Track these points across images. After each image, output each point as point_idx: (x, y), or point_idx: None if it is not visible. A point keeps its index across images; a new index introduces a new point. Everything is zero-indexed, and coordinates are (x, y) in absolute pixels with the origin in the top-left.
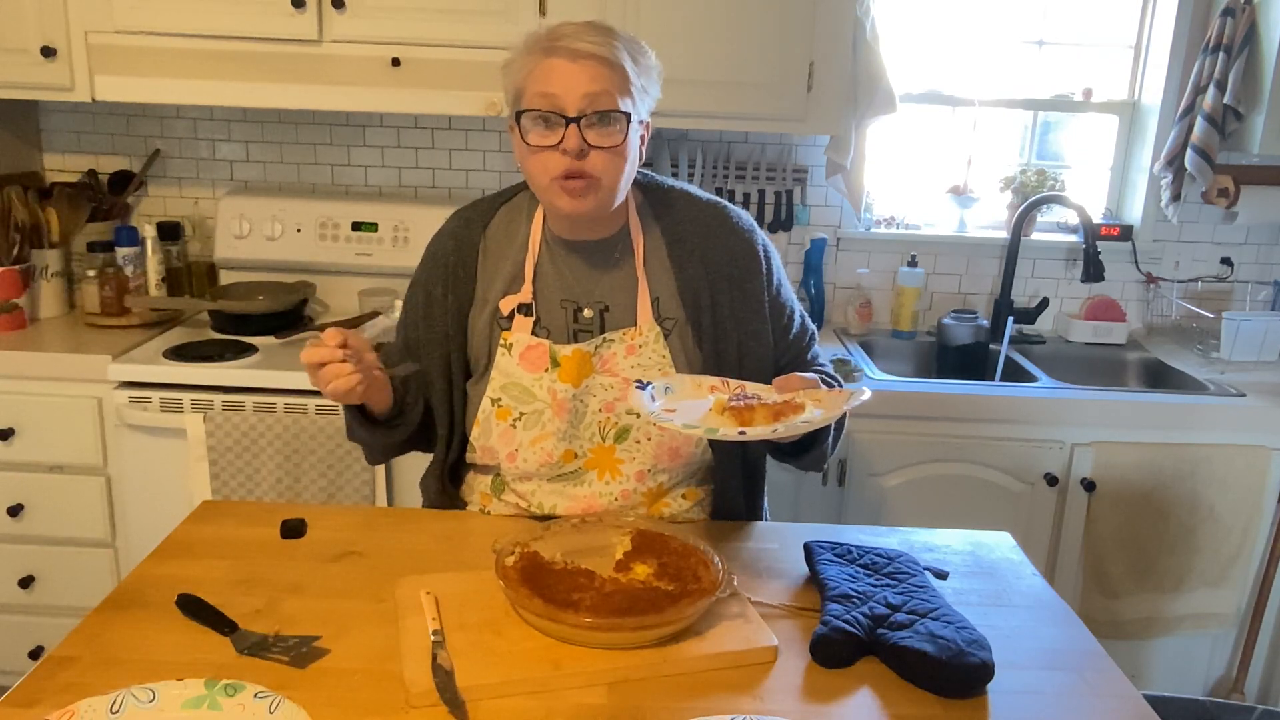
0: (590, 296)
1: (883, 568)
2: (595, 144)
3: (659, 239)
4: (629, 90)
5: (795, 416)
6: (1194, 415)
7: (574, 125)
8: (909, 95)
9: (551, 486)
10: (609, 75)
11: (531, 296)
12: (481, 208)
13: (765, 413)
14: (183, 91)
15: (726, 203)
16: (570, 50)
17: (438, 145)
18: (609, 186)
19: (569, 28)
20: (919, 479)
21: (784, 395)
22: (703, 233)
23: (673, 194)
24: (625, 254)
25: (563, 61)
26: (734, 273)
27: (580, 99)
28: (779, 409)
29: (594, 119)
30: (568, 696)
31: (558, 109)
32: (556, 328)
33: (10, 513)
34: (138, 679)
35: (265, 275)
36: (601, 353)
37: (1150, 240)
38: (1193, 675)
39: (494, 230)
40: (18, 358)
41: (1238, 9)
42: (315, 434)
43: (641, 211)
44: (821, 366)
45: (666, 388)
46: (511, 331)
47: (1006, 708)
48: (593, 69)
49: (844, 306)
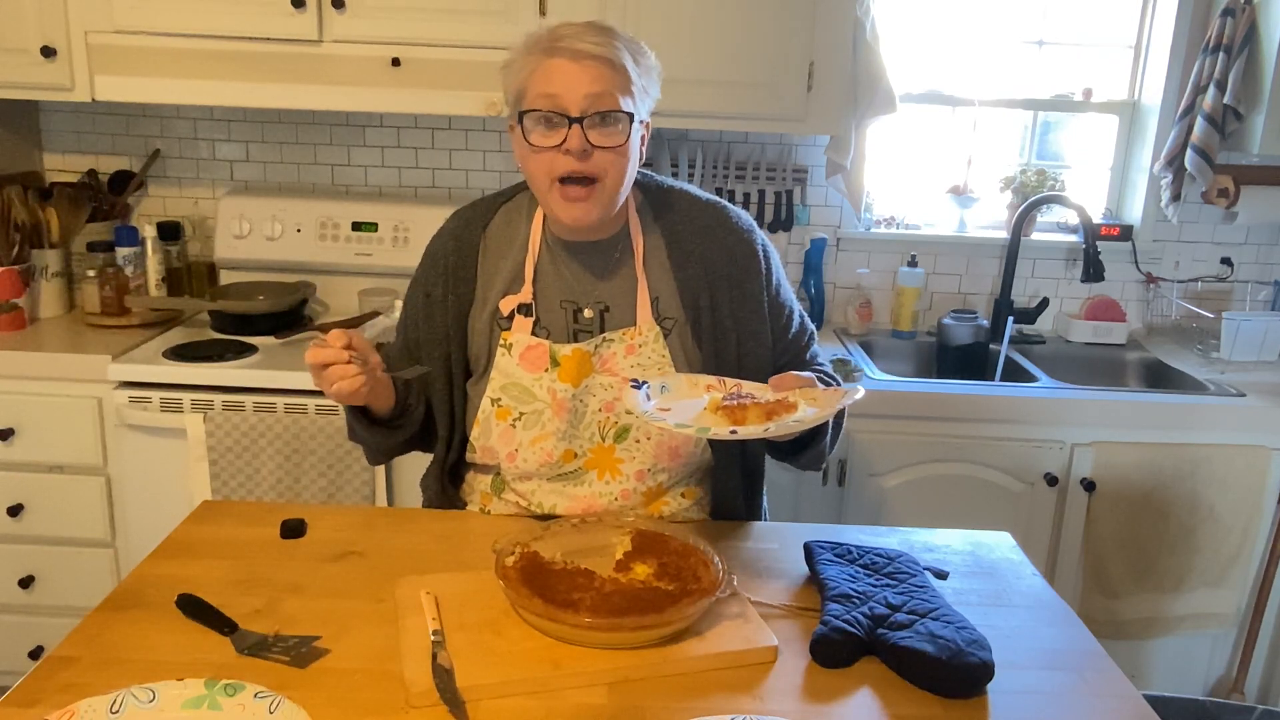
0: (590, 297)
1: (883, 568)
2: (598, 144)
3: (659, 239)
4: (630, 90)
5: (788, 415)
6: (1194, 415)
7: (577, 125)
8: (909, 95)
9: (551, 486)
10: (611, 75)
11: (531, 297)
12: (481, 208)
13: (758, 412)
14: (183, 91)
15: (726, 203)
16: (572, 50)
17: (438, 145)
18: (611, 187)
19: (570, 28)
20: (919, 479)
21: (778, 394)
22: (702, 232)
23: (673, 194)
24: (625, 254)
25: (565, 62)
26: (733, 273)
27: (583, 99)
28: (772, 408)
29: (596, 119)
30: (568, 696)
31: (560, 109)
32: (556, 328)
33: (10, 513)
34: (138, 679)
35: (265, 275)
36: (601, 352)
37: (1150, 240)
38: (1193, 675)
39: (494, 230)
40: (18, 358)
41: (1238, 9)
42: (315, 434)
43: (641, 211)
44: (820, 366)
45: (663, 387)
46: (511, 332)
47: (1006, 708)
48: (595, 69)
49: (844, 306)
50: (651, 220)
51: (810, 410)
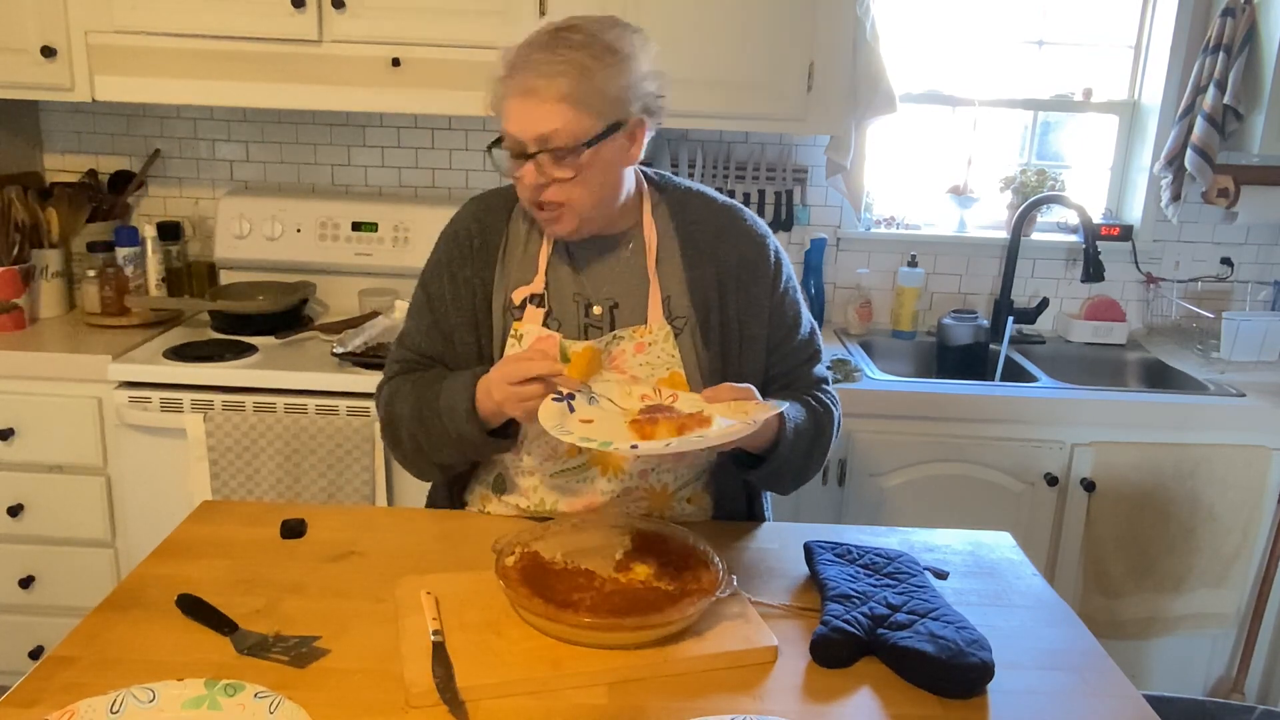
0: (600, 293)
1: (883, 568)
2: (555, 177)
3: (673, 238)
4: (589, 108)
5: (700, 430)
6: (1194, 415)
7: (531, 163)
8: (909, 95)
9: (553, 483)
10: (556, 110)
11: (544, 287)
12: (503, 195)
13: (669, 426)
14: (183, 91)
15: (743, 207)
16: (521, 88)
17: (438, 145)
18: (579, 209)
19: (524, 52)
20: (919, 479)
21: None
22: (715, 233)
23: (690, 195)
24: (637, 251)
25: (516, 101)
26: (742, 275)
27: (534, 138)
28: (684, 422)
29: (551, 155)
30: (568, 696)
31: (517, 148)
32: (568, 321)
33: (10, 513)
34: (138, 679)
35: (265, 275)
36: (610, 350)
37: (1150, 240)
38: (1193, 675)
39: (515, 217)
40: (18, 358)
41: (1238, 9)
42: (315, 434)
43: (657, 211)
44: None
45: (591, 398)
46: (523, 322)
47: (1006, 708)
48: (542, 108)
49: (844, 306)
50: (667, 220)
51: (726, 422)
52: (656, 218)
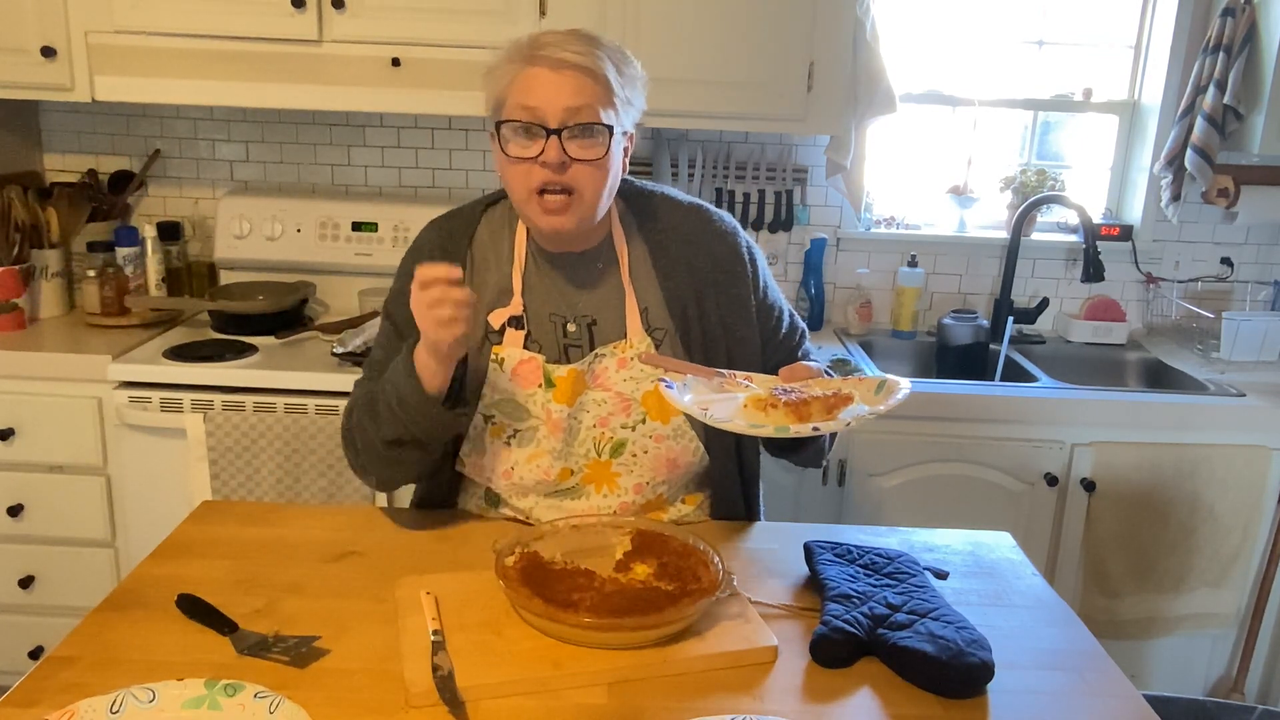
0: (575, 310)
1: (883, 568)
2: (576, 157)
3: (642, 247)
4: (612, 102)
5: (844, 408)
6: (1194, 415)
7: (555, 137)
8: (909, 95)
9: (549, 501)
10: (592, 87)
11: (522, 309)
12: (462, 219)
13: (820, 405)
14: (183, 91)
15: (708, 205)
16: (553, 60)
17: (438, 145)
18: (589, 201)
19: (553, 36)
20: (919, 479)
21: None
22: (686, 239)
23: (654, 199)
24: (610, 265)
25: (545, 71)
26: (719, 278)
27: (562, 111)
28: (831, 401)
29: (576, 131)
30: (568, 696)
31: (539, 120)
32: (547, 341)
33: (10, 513)
34: (138, 679)
35: (265, 275)
36: (594, 368)
37: (1150, 240)
38: (1193, 675)
39: (480, 241)
40: (18, 358)
41: (1238, 9)
42: (315, 434)
43: (624, 220)
44: (814, 362)
45: (683, 384)
46: (503, 346)
47: (1006, 708)
48: (575, 80)
49: (844, 306)
50: (635, 229)
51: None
52: (625, 227)
